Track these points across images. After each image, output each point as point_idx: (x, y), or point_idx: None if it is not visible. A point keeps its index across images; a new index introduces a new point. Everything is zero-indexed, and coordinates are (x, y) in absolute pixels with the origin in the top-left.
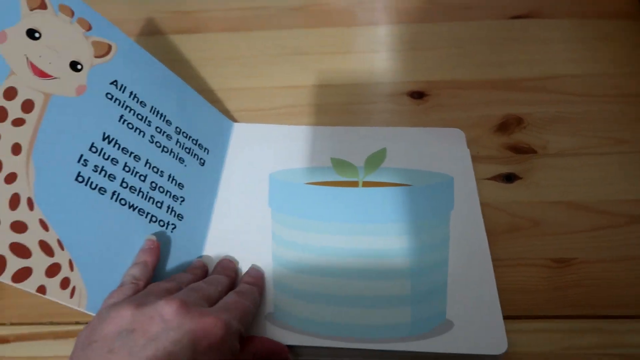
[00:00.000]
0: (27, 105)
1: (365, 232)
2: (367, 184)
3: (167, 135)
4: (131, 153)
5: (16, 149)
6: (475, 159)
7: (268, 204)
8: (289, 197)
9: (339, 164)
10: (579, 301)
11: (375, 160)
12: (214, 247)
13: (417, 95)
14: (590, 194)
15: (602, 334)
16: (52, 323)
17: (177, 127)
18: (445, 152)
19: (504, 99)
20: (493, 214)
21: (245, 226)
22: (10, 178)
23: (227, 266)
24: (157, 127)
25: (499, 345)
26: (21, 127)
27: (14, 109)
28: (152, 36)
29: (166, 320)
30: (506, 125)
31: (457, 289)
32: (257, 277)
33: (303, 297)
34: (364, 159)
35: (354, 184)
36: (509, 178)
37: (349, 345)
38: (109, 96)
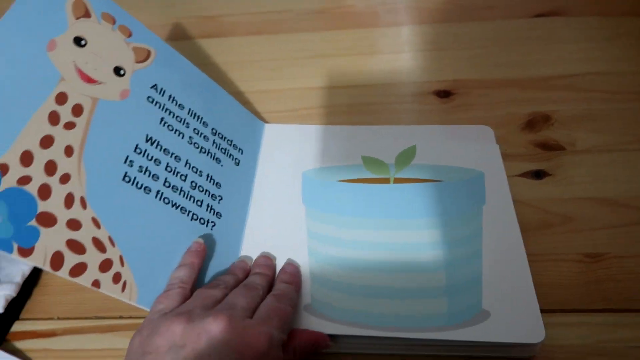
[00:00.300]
0: (77, 109)
1: (398, 227)
2: (398, 181)
3: (204, 137)
4: (172, 154)
5: (69, 151)
6: (503, 156)
7: (302, 201)
8: (322, 195)
9: (370, 162)
10: (613, 295)
11: (406, 157)
12: (251, 244)
13: (444, 94)
14: (620, 189)
15: (636, 327)
16: (96, 317)
17: (213, 129)
18: (475, 148)
19: (529, 97)
20: (524, 210)
21: (280, 223)
22: (65, 178)
23: (265, 263)
24: (194, 129)
25: (536, 334)
26: (72, 130)
27: (65, 113)
28: (178, 41)
29: (213, 337)
30: (533, 123)
31: (492, 281)
32: (293, 274)
33: (339, 289)
34: (394, 157)
35: (386, 181)
36: (538, 175)
37: (387, 334)
38: (150, 99)
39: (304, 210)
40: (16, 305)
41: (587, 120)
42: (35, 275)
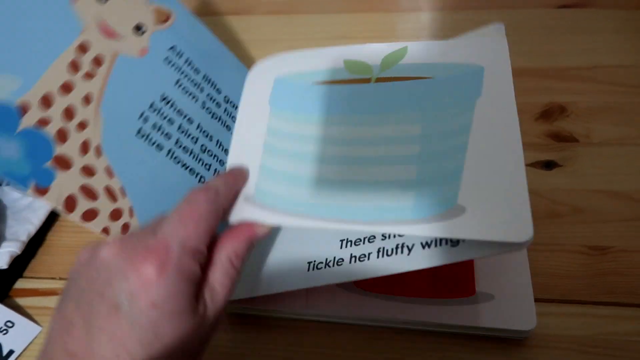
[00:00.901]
0: (97, 61)
1: (372, 122)
2: (381, 80)
3: (217, 103)
4: (185, 116)
5: (87, 99)
6: None
7: (268, 102)
8: (292, 96)
9: (353, 64)
10: (617, 288)
11: (394, 57)
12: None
13: None
14: (632, 183)
15: (638, 321)
16: None
17: (225, 96)
18: (479, 42)
19: (549, 87)
20: (532, 199)
21: (241, 127)
22: (82, 125)
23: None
24: (208, 94)
25: (523, 232)
26: (92, 80)
27: (85, 62)
28: (200, 16)
29: (103, 263)
30: (549, 113)
31: (475, 174)
32: (231, 172)
33: (292, 181)
34: (381, 58)
35: (367, 81)
36: (549, 165)
37: (332, 225)
38: (168, 60)
39: (268, 110)
40: (20, 263)
41: (603, 113)
42: (40, 235)
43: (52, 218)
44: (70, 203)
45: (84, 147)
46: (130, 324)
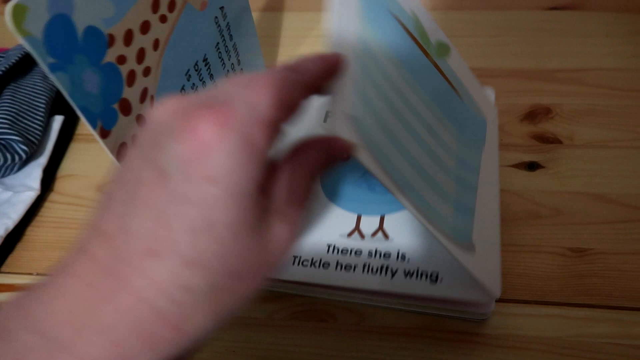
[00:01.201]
0: (172, 5)
1: (431, 108)
2: (435, 66)
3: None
4: (214, 82)
5: (156, 44)
6: (500, 146)
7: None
8: (378, 17)
9: (419, 26)
10: (594, 290)
11: (443, 50)
12: None
13: None
14: (614, 186)
15: (614, 324)
16: None
17: (241, 69)
18: (484, 96)
19: (535, 89)
20: (514, 200)
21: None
22: (147, 71)
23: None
24: (232, 64)
25: (496, 290)
26: (163, 25)
27: (163, 4)
28: None
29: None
30: (534, 115)
31: (478, 218)
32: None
33: (385, 133)
34: (434, 40)
35: (427, 55)
36: (532, 166)
37: (418, 216)
38: (216, 20)
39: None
40: None
41: (588, 115)
42: (19, 230)
43: (32, 213)
44: (122, 152)
45: (143, 95)
46: (176, 198)
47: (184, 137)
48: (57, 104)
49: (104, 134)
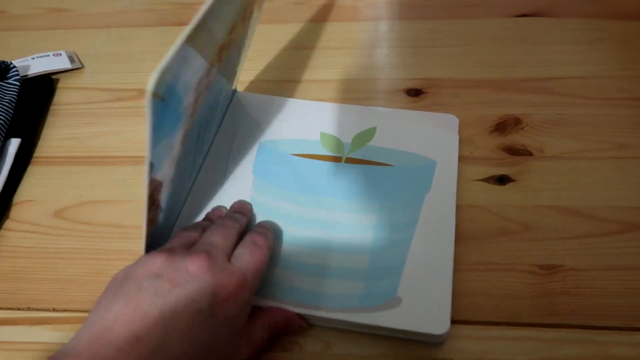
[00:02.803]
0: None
1: (338, 207)
2: (350, 160)
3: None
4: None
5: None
6: (468, 159)
7: (252, 171)
8: (273, 166)
9: (327, 139)
10: (564, 310)
11: (363, 138)
12: (193, 206)
13: (414, 92)
14: (585, 199)
15: (583, 344)
16: (29, 309)
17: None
18: (435, 135)
19: (504, 99)
20: (483, 216)
21: (228, 190)
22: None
23: (240, 208)
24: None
25: (441, 326)
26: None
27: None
28: (154, 27)
29: (191, 273)
30: (503, 126)
31: (414, 267)
32: (268, 227)
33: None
34: (352, 136)
35: (338, 159)
36: (502, 180)
37: (299, 310)
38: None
39: (252, 179)
40: None
41: (558, 126)
42: None
43: None
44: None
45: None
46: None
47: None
48: (13, 126)
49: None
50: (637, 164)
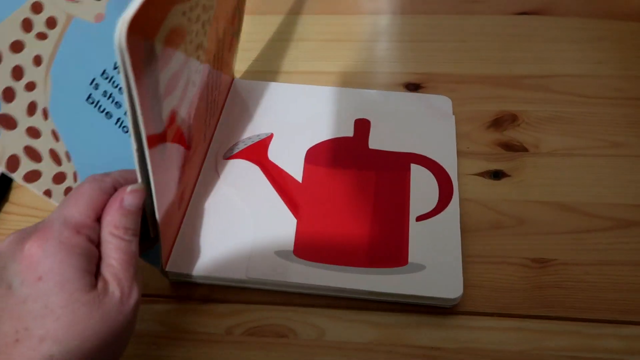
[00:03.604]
0: (51, 22)
1: None
2: None
3: None
4: None
5: (37, 60)
6: (464, 154)
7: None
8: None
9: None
10: (555, 302)
11: None
12: None
13: (413, 87)
14: (578, 195)
15: (574, 336)
16: None
17: None
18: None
19: (501, 95)
20: (478, 210)
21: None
22: (30, 86)
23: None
24: None
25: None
26: (44, 41)
27: (38, 23)
28: None
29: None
30: (500, 122)
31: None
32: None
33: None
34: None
35: None
36: (497, 175)
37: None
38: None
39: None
40: None
41: (554, 123)
42: None
43: None
44: (12, 163)
45: (31, 108)
46: (22, 300)
47: (19, 257)
48: None
49: None
50: (630, 162)
